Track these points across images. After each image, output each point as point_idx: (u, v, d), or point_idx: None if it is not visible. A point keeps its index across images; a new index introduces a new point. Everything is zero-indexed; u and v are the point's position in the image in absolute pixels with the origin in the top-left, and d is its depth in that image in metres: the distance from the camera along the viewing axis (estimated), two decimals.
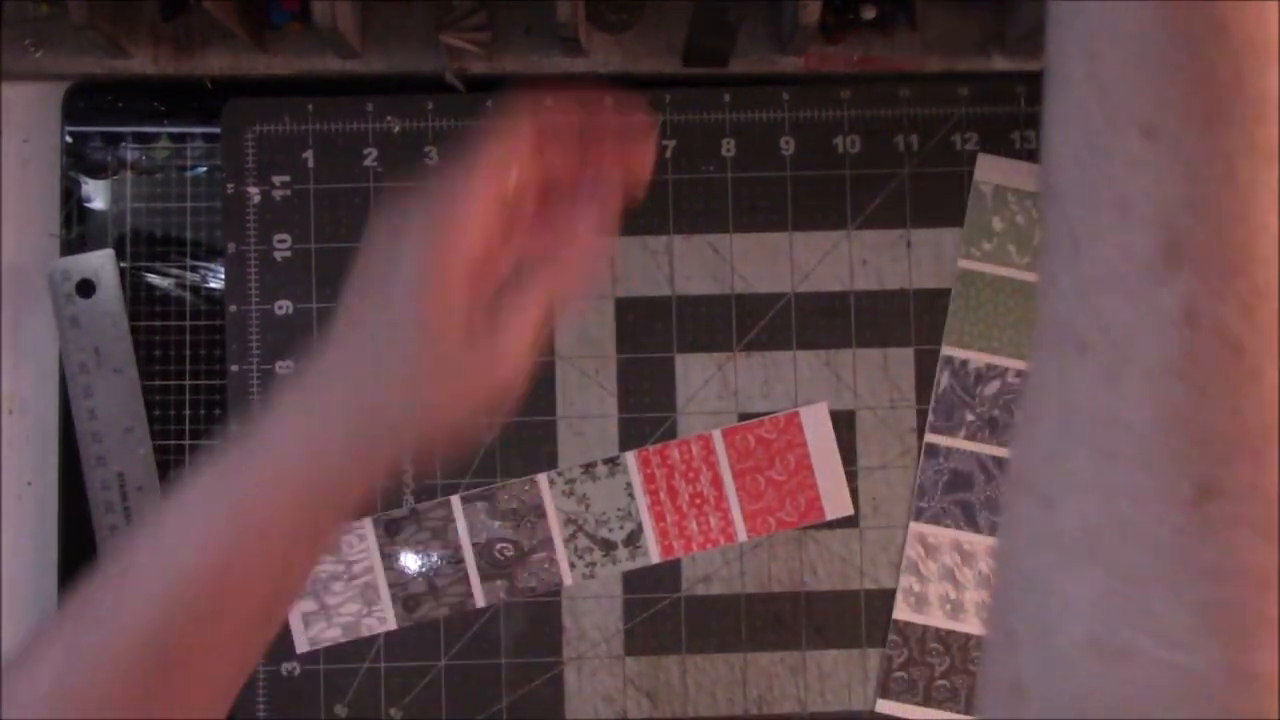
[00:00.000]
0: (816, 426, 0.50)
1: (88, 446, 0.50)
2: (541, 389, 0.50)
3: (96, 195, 0.51)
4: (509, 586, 0.49)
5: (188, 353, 0.51)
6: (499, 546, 0.49)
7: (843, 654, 0.50)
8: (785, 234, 0.51)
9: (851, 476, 0.50)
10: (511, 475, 0.50)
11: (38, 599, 0.51)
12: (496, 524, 0.49)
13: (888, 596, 0.50)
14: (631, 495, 0.50)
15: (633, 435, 0.50)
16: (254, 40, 0.50)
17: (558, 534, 0.49)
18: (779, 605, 0.50)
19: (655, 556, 0.49)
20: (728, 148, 0.51)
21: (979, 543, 0.50)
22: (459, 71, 0.51)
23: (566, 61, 0.51)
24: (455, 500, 0.49)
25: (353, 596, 0.49)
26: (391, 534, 0.49)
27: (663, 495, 0.50)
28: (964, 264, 0.51)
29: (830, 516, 0.50)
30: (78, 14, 0.46)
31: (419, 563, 0.49)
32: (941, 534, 0.50)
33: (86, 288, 0.50)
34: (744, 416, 0.50)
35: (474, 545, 0.49)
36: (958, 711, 0.50)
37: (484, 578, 0.49)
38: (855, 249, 0.51)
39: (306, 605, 0.49)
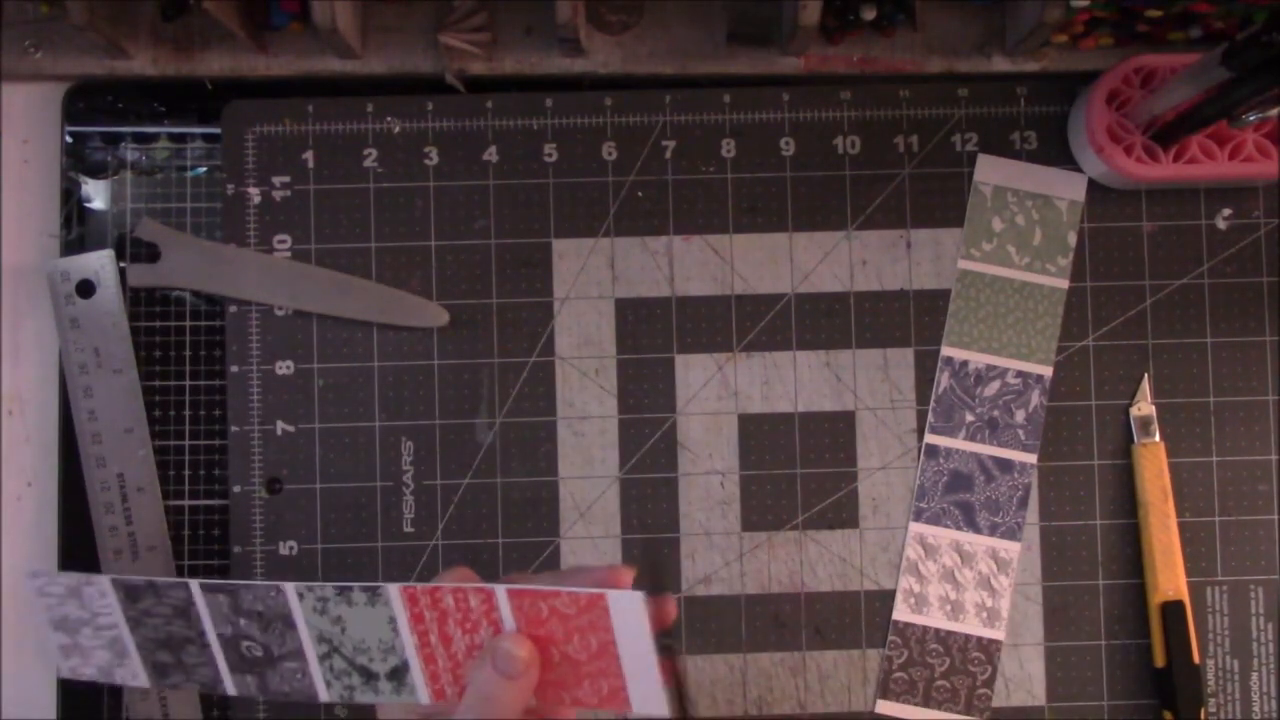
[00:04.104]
0: (628, 616, 0.38)
1: (88, 447, 0.50)
2: (541, 389, 0.50)
3: (96, 195, 0.51)
4: (260, 683, 0.42)
5: (188, 353, 0.51)
6: (245, 644, 0.42)
7: (842, 655, 0.50)
8: (785, 234, 0.51)
9: (851, 478, 0.50)
10: (512, 475, 0.50)
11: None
12: (242, 621, 0.42)
13: (887, 597, 0.50)
14: (395, 630, 0.41)
15: (633, 436, 0.50)
16: (254, 41, 0.50)
17: (310, 649, 0.42)
18: (779, 606, 0.50)
19: (425, 697, 0.41)
20: (728, 148, 0.51)
21: (979, 543, 0.50)
22: (459, 72, 0.51)
23: (566, 62, 0.51)
24: (194, 587, 0.42)
25: (102, 645, 0.43)
26: (132, 600, 0.43)
27: (434, 639, 0.41)
28: (964, 264, 0.51)
29: (638, 711, 0.39)
30: (78, 15, 0.46)
31: (163, 635, 0.43)
32: (941, 534, 0.50)
33: (86, 288, 0.50)
34: (744, 417, 0.50)
35: (219, 635, 0.42)
36: (957, 712, 0.50)
37: (233, 669, 0.43)
38: (855, 249, 0.51)
39: (61, 638, 0.44)
